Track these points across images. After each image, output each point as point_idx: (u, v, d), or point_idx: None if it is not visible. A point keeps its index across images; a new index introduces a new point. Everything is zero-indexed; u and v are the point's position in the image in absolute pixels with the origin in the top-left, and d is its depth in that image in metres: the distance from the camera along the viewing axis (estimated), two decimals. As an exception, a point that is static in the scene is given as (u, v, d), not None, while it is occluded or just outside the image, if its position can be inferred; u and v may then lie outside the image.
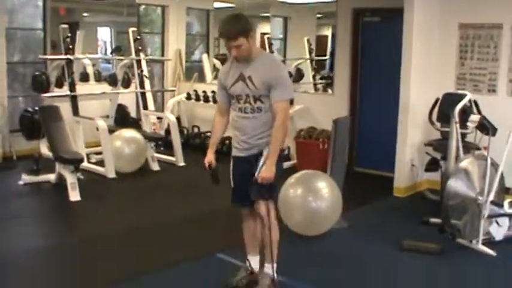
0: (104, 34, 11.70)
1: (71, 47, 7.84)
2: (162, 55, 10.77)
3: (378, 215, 6.44)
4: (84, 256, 5.02)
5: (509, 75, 6.71)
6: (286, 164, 7.58)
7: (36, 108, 7.80)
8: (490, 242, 5.28)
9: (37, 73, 7.97)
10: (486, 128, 5.48)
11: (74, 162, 6.65)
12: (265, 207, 4.06)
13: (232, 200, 4.25)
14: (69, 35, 7.85)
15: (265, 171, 3.92)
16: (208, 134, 9.60)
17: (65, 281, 4.55)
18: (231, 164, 4.20)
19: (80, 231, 5.73)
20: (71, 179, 6.59)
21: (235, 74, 4.01)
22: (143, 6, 10.79)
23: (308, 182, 5.46)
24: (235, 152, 4.15)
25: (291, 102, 8.46)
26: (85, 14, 10.83)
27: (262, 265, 4.26)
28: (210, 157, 4.19)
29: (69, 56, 7.71)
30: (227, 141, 8.64)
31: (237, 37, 3.82)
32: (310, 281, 4.49)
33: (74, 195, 6.53)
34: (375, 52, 8.15)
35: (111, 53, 10.92)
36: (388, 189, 7.11)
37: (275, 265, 4.12)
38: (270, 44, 9.68)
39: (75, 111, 7.75)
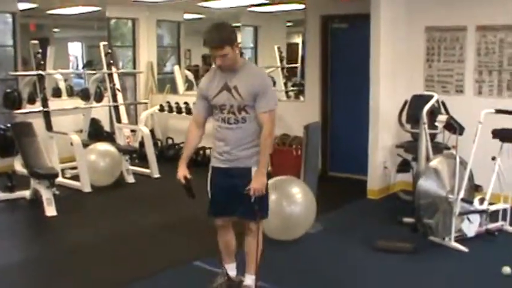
0: (75, 49, 11.68)
1: (42, 62, 7.82)
2: (134, 68, 10.79)
3: (353, 217, 6.54)
4: (62, 268, 5.03)
5: (475, 75, 6.86)
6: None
7: (9, 125, 7.76)
8: (462, 238, 5.40)
9: (8, 90, 7.93)
10: (454, 127, 5.60)
11: (49, 177, 6.64)
12: (260, 226, 4.11)
13: (208, 212, 4.16)
14: (40, 50, 7.84)
15: (256, 182, 3.88)
16: (182, 145, 9.65)
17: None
18: (210, 174, 4.13)
19: (56, 245, 5.71)
20: (46, 194, 6.58)
21: (219, 83, 3.94)
22: (113, 20, 10.81)
23: (282, 187, 5.52)
24: (215, 163, 4.08)
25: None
26: (55, 30, 10.81)
27: (243, 273, 4.28)
28: (183, 171, 4.05)
29: (40, 72, 7.70)
30: (201, 152, 8.74)
31: (222, 46, 3.76)
32: (289, 284, 4.56)
33: (50, 211, 6.51)
34: (344, 58, 8.27)
35: (83, 67, 10.93)
36: (362, 192, 7.21)
37: (254, 277, 4.18)
38: (241, 54, 9.73)
39: (49, 126, 7.73)
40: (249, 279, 4.19)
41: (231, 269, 4.38)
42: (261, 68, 4.54)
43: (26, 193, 7.06)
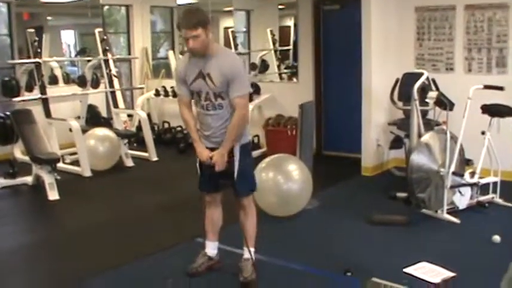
0: (68, 37, 11.74)
1: (39, 50, 7.92)
2: (129, 54, 10.90)
3: (348, 193, 6.72)
4: (67, 249, 5.19)
5: (464, 53, 7.01)
6: (257, 152, 7.88)
7: (8, 113, 7.84)
8: (454, 211, 5.59)
9: (6, 78, 8.02)
10: (444, 103, 5.75)
11: (51, 162, 6.79)
12: (250, 200, 4.33)
13: (199, 187, 4.35)
14: (37, 38, 7.94)
15: (217, 158, 4.04)
16: (178, 128, 9.80)
17: (48, 274, 4.70)
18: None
19: (61, 227, 5.89)
20: (48, 179, 6.73)
21: (194, 71, 4.01)
22: (107, 7, 10.89)
23: (278, 165, 5.69)
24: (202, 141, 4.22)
25: (258, 91, 8.75)
26: (49, 18, 10.88)
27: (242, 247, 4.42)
28: (206, 152, 4.12)
29: (38, 60, 7.80)
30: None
31: (196, 27, 3.82)
32: (287, 257, 4.71)
33: (53, 195, 6.67)
34: (336, 39, 8.41)
35: (76, 55, 11.01)
36: (356, 170, 7.40)
37: (253, 249, 4.33)
38: (234, 38, 9.88)
39: (47, 113, 7.84)
40: (247, 253, 4.33)
41: (213, 247, 4.50)
42: (233, 53, 4.58)
43: (28, 179, 7.20)
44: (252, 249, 4.34)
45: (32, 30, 7.98)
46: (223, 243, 4.62)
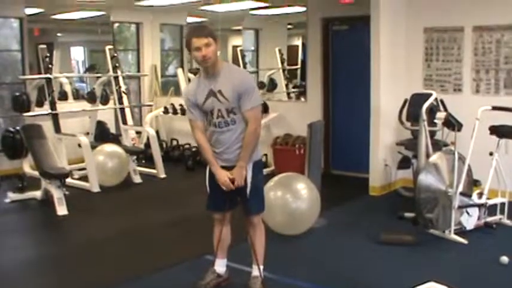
0: (77, 53, 11.85)
1: (50, 66, 8.00)
2: (138, 71, 10.99)
3: (355, 213, 6.73)
4: (76, 264, 5.21)
5: (472, 74, 7.05)
6: (265, 171, 7.86)
7: (18, 128, 7.93)
8: (461, 231, 5.59)
9: (17, 93, 8.10)
10: (452, 124, 5.78)
11: (60, 177, 6.84)
12: (260, 219, 4.35)
13: (208, 207, 4.38)
14: (48, 54, 8.02)
15: (236, 174, 4.08)
16: (186, 146, 9.85)
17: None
18: (208, 171, 4.27)
19: (70, 242, 5.92)
20: (57, 194, 6.77)
21: (204, 91, 4.06)
22: (117, 24, 11.00)
23: (287, 184, 5.71)
24: None
25: (266, 110, 8.79)
26: (59, 34, 11.00)
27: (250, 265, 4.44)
28: (224, 173, 4.12)
29: (48, 75, 7.88)
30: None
31: (207, 36, 3.94)
32: (296, 275, 4.72)
33: (62, 210, 6.70)
34: (345, 59, 8.46)
35: (85, 71, 11.12)
36: (364, 189, 7.41)
37: (262, 267, 4.34)
38: (243, 56, 9.97)
39: (57, 128, 7.91)
40: (256, 270, 4.34)
41: (222, 265, 4.52)
42: (241, 68, 4.66)
43: (37, 193, 7.25)
44: (261, 267, 4.36)
45: (44, 46, 8.07)
46: (232, 261, 4.64)
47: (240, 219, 4.36)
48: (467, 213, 5.65)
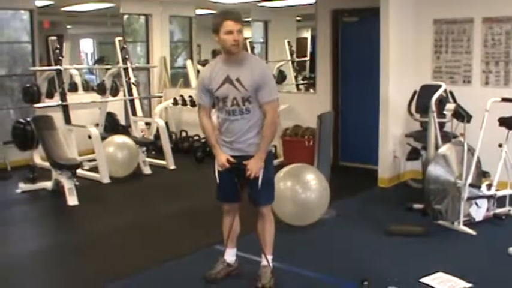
0: (86, 45, 11.90)
1: (60, 58, 8.04)
2: (147, 63, 11.02)
3: (365, 204, 6.75)
4: (88, 253, 5.29)
5: (482, 66, 7.04)
6: (274, 162, 7.89)
7: (28, 119, 7.96)
8: (470, 222, 5.61)
9: (28, 85, 8.13)
10: (461, 115, 5.78)
11: (71, 168, 6.90)
12: (270, 210, 4.37)
13: (217, 197, 4.40)
14: (58, 46, 8.06)
15: (253, 164, 4.09)
16: (196, 137, 9.89)
17: (68, 277, 4.79)
18: (216, 162, 4.27)
19: (81, 232, 5.97)
20: (68, 184, 6.82)
21: (221, 77, 4.07)
22: (126, 16, 11.02)
23: (297, 174, 5.74)
24: (223, 150, 4.24)
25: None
26: (68, 26, 11.04)
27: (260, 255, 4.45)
28: (223, 155, 4.17)
29: (59, 67, 7.91)
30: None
31: (241, 22, 4.02)
32: (304, 265, 4.75)
33: (72, 200, 6.76)
34: (354, 50, 8.46)
35: (94, 63, 11.17)
36: (373, 181, 7.42)
37: (271, 257, 4.38)
38: (252, 48, 9.96)
39: (67, 120, 7.94)
40: (265, 260, 4.36)
41: (232, 255, 4.56)
42: (261, 60, 4.68)
43: (48, 184, 7.30)
44: (270, 257, 4.39)
45: (54, 38, 8.11)
46: (242, 250, 4.68)
47: (249, 208, 4.37)
48: (476, 204, 5.66)
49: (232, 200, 4.38)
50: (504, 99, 5.86)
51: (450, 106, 5.98)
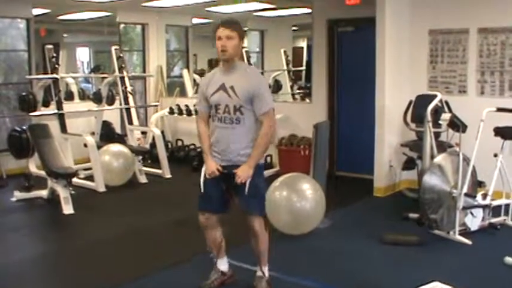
0: (83, 54, 11.91)
1: (56, 66, 8.04)
2: (144, 72, 11.03)
3: (360, 213, 6.76)
4: (82, 261, 5.26)
5: (477, 76, 7.07)
6: (270, 172, 7.92)
7: (24, 127, 7.97)
8: (465, 232, 5.61)
9: (24, 93, 8.15)
10: (457, 125, 5.81)
11: (67, 176, 6.87)
12: (259, 222, 4.23)
13: (199, 207, 4.34)
14: (55, 55, 8.07)
15: (243, 171, 4.05)
16: (191, 146, 9.89)
17: (64, 285, 4.78)
18: (203, 170, 4.26)
19: (76, 240, 5.94)
20: (63, 193, 6.80)
21: (217, 83, 4.09)
22: (122, 25, 11.03)
23: (292, 184, 5.74)
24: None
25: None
26: (65, 35, 11.06)
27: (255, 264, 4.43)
28: (213, 164, 4.15)
29: (55, 75, 7.92)
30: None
31: (233, 29, 4.00)
32: (300, 275, 4.75)
33: (68, 209, 6.74)
34: (350, 60, 8.49)
35: (90, 72, 11.18)
36: (369, 190, 7.44)
37: (267, 267, 4.36)
38: (248, 57, 10.00)
39: (63, 128, 7.95)
40: (260, 271, 4.36)
41: (223, 263, 4.51)
42: (257, 70, 4.66)
43: (43, 192, 7.27)
44: (266, 267, 4.37)
45: (51, 46, 8.12)
46: (236, 259, 4.69)
47: (242, 218, 4.31)
48: (472, 214, 5.67)
49: (212, 211, 4.30)
50: (499, 109, 5.88)
51: (445, 116, 6.01)
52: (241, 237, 4.58)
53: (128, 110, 9.16)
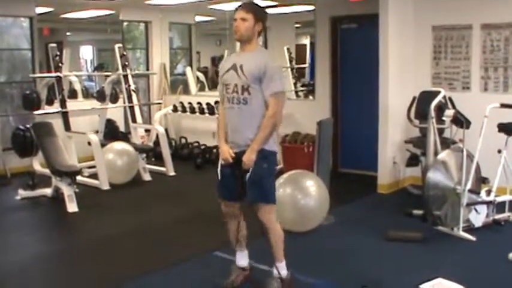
0: (86, 52, 11.92)
1: (60, 65, 8.05)
2: (147, 69, 11.04)
3: (364, 210, 6.76)
4: (87, 259, 5.27)
5: (481, 72, 7.06)
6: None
7: (28, 126, 7.96)
8: (469, 228, 5.61)
9: (28, 92, 8.14)
10: (460, 121, 5.80)
11: (71, 175, 6.89)
12: (267, 213, 4.14)
13: (218, 193, 4.27)
14: (58, 53, 8.07)
15: (246, 156, 4.00)
16: (195, 144, 9.90)
17: (69, 283, 4.78)
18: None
19: (80, 238, 5.97)
20: (68, 191, 6.82)
21: (230, 63, 4.13)
22: (125, 23, 11.04)
23: (296, 181, 5.75)
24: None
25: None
26: (68, 33, 11.07)
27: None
28: (228, 149, 4.11)
29: (59, 74, 7.92)
30: (215, 150, 8.99)
31: (248, 11, 4.04)
32: (304, 271, 4.72)
33: (72, 207, 6.76)
34: (353, 57, 8.49)
35: (94, 70, 11.19)
36: (372, 187, 7.44)
37: (283, 262, 4.30)
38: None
39: (67, 127, 7.95)
40: (275, 268, 4.29)
41: (243, 257, 4.45)
42: (268, 52, 4.61)
43: (47, 191, 7.30)
44: (281, 264, 4.30)
45: (54, 44, 8.12)
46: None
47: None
48: (476, 210, 5.66)
49: (230, 198, 4.24)
50: (503, 105, 5.86)
51: (449, 112, 6.01)
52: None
53: (132, 108, 9.16)
